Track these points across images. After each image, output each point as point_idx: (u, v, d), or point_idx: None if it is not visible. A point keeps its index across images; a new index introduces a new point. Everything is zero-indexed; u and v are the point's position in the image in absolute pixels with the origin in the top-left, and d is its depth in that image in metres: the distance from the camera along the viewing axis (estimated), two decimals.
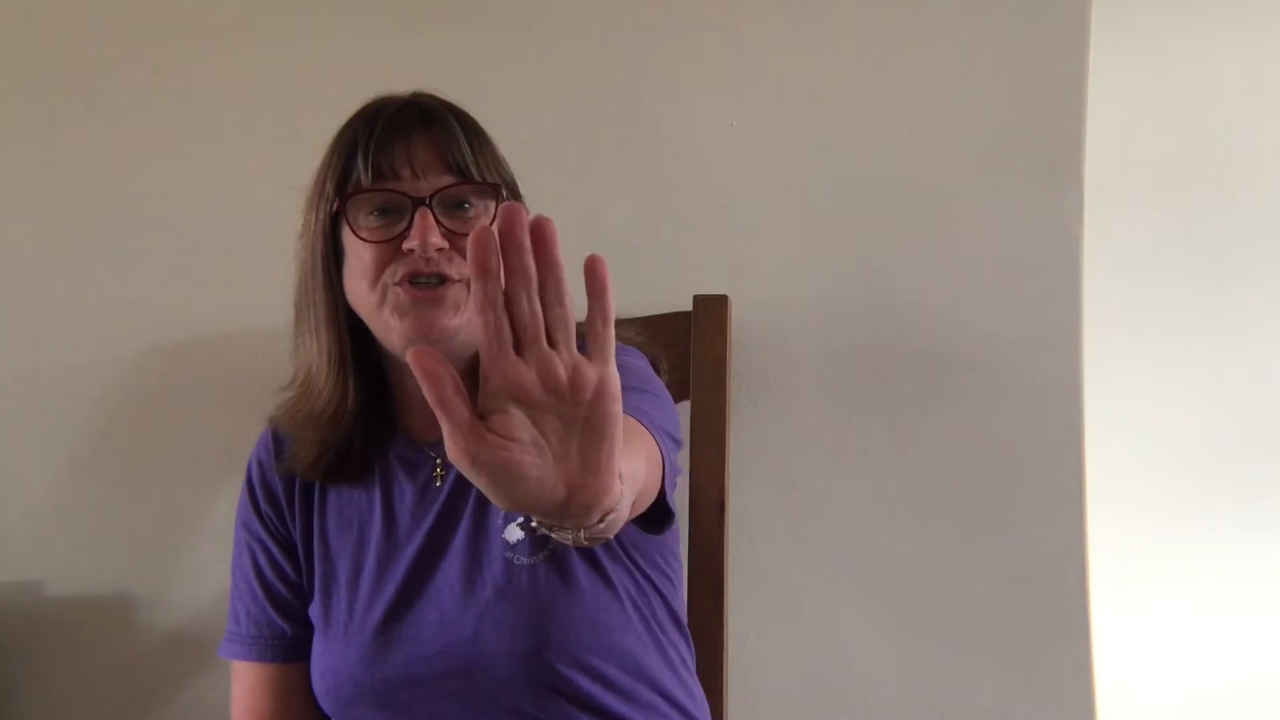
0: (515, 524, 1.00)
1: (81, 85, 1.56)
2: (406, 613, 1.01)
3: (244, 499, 1.11)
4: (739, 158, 1.50)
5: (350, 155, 0.99)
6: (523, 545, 1.00)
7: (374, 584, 1.03)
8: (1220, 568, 1.81)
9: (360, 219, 0.98)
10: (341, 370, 1.02)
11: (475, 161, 1.00)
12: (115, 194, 1.55)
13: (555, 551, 1.00)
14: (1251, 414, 1.82)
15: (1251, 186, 1.82)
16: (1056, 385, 1.44)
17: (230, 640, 1.10)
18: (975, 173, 1.46)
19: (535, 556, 1.00)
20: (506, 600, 0.98)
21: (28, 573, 1.55)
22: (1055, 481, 1.44)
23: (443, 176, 0.98)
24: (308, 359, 1.04)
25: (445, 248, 0.96)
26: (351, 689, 1.01)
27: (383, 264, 0.97)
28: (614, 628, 1.01)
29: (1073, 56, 1.45)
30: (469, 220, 0.99)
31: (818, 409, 1.49)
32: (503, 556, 1.00)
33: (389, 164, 0.98)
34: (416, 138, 0.99)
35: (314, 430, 1.04)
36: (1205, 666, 1.82)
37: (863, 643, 1.47)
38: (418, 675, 0.99)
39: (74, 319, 1.55)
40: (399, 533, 1.04)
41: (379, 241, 0.97)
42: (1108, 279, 1.58)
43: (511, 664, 0.97)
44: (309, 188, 1.04)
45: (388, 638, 1.00)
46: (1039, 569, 1.44)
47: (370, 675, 1.00)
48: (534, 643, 0.97)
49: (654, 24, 1.51)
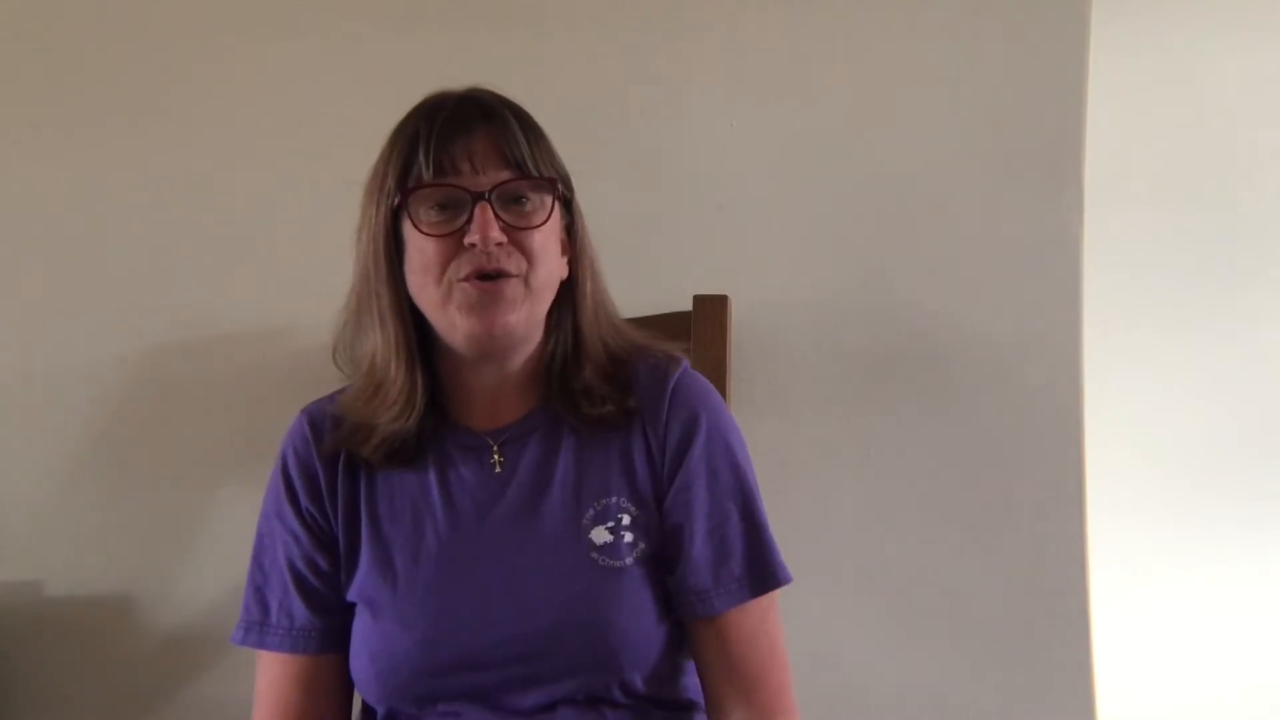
0: (604, 527, 1.03)
1: (82, 85, 1.55)
2: (476, 598, 1.01)
3: (277, 490, 1.10)
4: (739, 158, 1.50)
5: (411, 150, 1.01)
6: (609, 548, 1.02)
7: (437, 568, 1.03)
8: (1220, 568, 1.81)
9: (421, 213, 1.00)
10: (409, 359, 1.04)
11: (532, 156, 1.02)
12: (115, 194, 1.55)
13: (640, 558, 1.02)
14: (1251, 414, 1.82)
15: (1251, 186, 1.82)
16: (1056, 385, 1.44)
17: (254, 629, 1.08)
18: (975, 173, 1.46)
19: (622, 560, 1.02)
20: (591, 598, 1.00)
21: (28, 573, 1.55)
22: (1055, 481, 1.44)
23: (501, 171, 1.00)
24: (373, 349, 1.05)
25: (504, 242, 0.99)
26: (408, 671, 1.01)
27: (445, 259, 0.99)
28: (665, 642, 1.04)
29: (1073, 56, 1.45)
30: (526, 215, 1.01)
31: (817, 409, 1.49)
32: (589, 556, 1.02)
33: (449, 159, 0.99)
34: (476, 133, 1.01)
35: (385, 417, 1.04)
36: (1205, 666, 1.82)
37: (862, 642, 1.47)
38: (484, 659, 1.00)
39: (74, 319, 1.55)
40: (461, 518, 1.04)
41: (440, 236, 0.99)
42: (1108, 279, 1.58)
43: (581, 657, 0.99)
44: (367, 182, 1.05)
45: (454, 621, 1.01)
46: (1039, 569, 1.44)
47: (430, 658, 1.00)
48: (608, 642, 1.00)
49: (654, 24, 1.51)
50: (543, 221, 1.01)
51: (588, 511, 1.03)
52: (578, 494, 1.04)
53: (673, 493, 1.05)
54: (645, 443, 1.06)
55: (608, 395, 1.05)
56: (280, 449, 1.11)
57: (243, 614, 1.09)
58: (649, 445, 1.06)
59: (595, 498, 1.04)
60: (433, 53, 1.52)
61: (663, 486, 1.05)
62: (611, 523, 1.03)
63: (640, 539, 1.03)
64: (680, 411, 1.06)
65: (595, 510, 1.03)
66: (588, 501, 1.04)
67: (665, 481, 1.05)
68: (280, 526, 1.08)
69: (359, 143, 1.46)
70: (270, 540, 1.09)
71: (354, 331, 1.09)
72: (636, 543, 1.03)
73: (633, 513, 1.04)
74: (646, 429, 1.06)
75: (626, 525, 1.03)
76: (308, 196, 1.51)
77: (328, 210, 1.49)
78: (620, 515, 1.03)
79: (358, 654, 1.04)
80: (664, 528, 1.04)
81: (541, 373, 1.08)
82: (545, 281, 1.03)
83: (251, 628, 1.08)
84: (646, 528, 1.04)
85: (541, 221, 1.01)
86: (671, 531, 1.04)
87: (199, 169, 1.54)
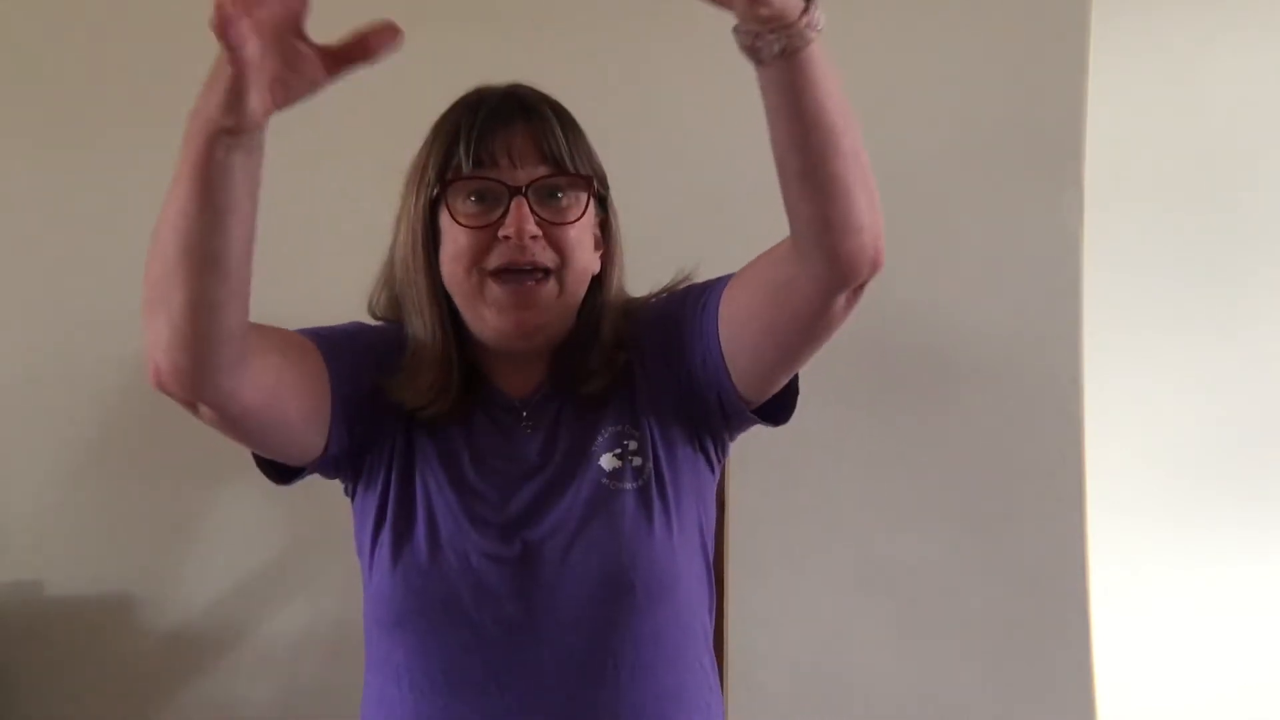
0: (611, 454, 1.05)
1: (82, 85, 1.56)
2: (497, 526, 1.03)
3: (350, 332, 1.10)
4: (739, 158, 1.50)
5: (452, 142, 1.03)
6: (618, 472, 1.04)
7: (471, 518, 1.04)
8: (1220, 568, 1.81)
9: (459, 204, 1.02)
10: (446, 340, 1.06)
11: (570, 153, 1.04)
12: (116, 194, 1.55)
13: (647, 482, 1.04)
14: (1251, 414, 1.82)
15: (1251, 186, 1.82)
16: (1056, 385, 1.44)
17: None
18: (975, 173, 1.46)
19: (626, 484, 1.04)
20: (599, 521, 1.02)
21: (28, 573, 1.55)
22: (1055, 481, 1.44)
23: (538, 167, 1.02)
24: (417, 332, 1.07)
25: (539, 236, 1.01)
26: (439, 589, 1.02)
27: (479, 250, 1.01)
28: (680, 575, 1.05)
29: (1073, 56, 1.45)
30: (561, 210, 1.03)
31: (818, 408, 1.48)
32: (601, 482, 1.04)
33: (488, 153, 1.01)
34: (516, 128, 1.02)
35: (423, 398, 1.06)
36: (1205, 666, 1.82)
37: (863, 642, 1.47)
38: (490, 586, 1.01)
39: (74, 319, 1.55)
40: (490, 476, 1.06)
41: (476, 227, 1.01)
42: (1108, 279, 1.58)
43: (590, 587, 1.01)
44: (408, 173, 1.07)
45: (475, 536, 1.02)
46: (1039, 569, 1.44)
47: (443, 585, 1.02)
48: (619, 564, 1.01)
49: (654, 24, 1.51)
50: (577, 218, 1.03)
51: (597, 438, 1.06)
52: (586, 429, 1.06)
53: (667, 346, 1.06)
54: (637, 369, 1.07)
55: (603, 371, 1.07)
56: (357, 324, 1.12)
57: None
58: (641, 368, 1.07)
59: (603, 427, 1.06)
60: (433, 54, 1.51)
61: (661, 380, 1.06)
62: (619, 449, 1.05)
63: (646, 462, 1.05)
64: (639, 332, 1.08)
65: (604, 437, 1.06)
66: (596, 430, 1.06)
67: (660, 383, 1.06)
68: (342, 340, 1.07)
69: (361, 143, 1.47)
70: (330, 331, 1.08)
71: (388, 290, 1.10)
72: (644, 465, 1.05)
73: (637, 436, 1.06)
74: (635, 368, 1.07)
75: (634, 450, 1.05)
76: (308, 197, 1.52)
77: (328, 210, 1.50)
78: (627, 441, 1.06)
79: (381, 585, 1.04)
80: (689, 377, 1.05)
81: (560, 348, 1.10)
82: (578, 278, 1.05)
83: None
84: (650, 448, 1.05)
85: (576, 218, 1.03)
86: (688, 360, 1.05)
87: None
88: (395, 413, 1.06)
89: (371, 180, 1.11)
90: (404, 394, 1.06)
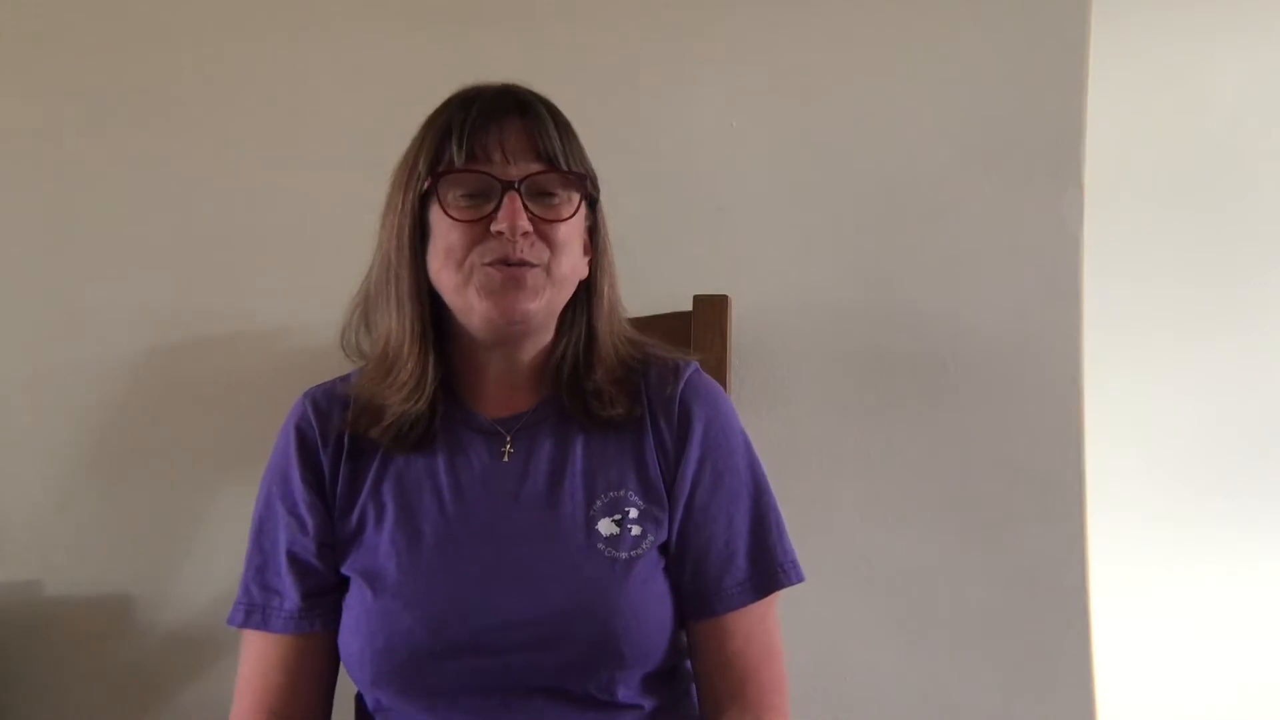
0: (611, 519, 1.04)
1: (82, 85, 1.56)
2: (482, 581, 1.01)
3: (278, 471, 1.10)
4: (739, 158, 1.50)
5: (444, 137, 1.02)
6: (615, 540, 1.03)
7: (444, 550, 1.03)
8: (1220, 568, 1.81)
9: (450, 198, 1.01)
10: (423, 343, 1.04)
11: (564, 151, 1.03)
12: (116, 194, 1.55)
13: (646, 551, 1.03)
14: (1251, 414, 1.82)
15: (1252, 186, 1.82)
16: (1056, 385, 1.44)
17: (256, 612, 1.08)
18: (975, 173, 1.46)
19: (625, 552, 1.03)
20: (599, 587, 1.01)
21: (28, 573, 1.55)
22: (1055, 481, 1.44)
23: (532, 164, 1.01)
24: (387, 332, 1.06)
25: (530, 232, 1.00)
26: (406, 651, 1.00)
27: (469, 244, 1.00)
28: (667, 633, 1.04)
29: (1073, 56, 1.45)
30: (554, 208, 1.02)
31: (818, 409, 1.49)
32: (595, 546, 1.02)
33: (482, 147, 1.01)
34: (509, 124, 1.02)
35: (395, 398, 1.05)
36: (1205, 666, 1.82)
37: (862, 642, 1.47)
38: (491, 644, 1.00)
39: (74, 319, 1.55)
40: (470, 503, 1.05)
41: (467, 221, 1.00)
42: (1108, 279, 1.58)
43: (587, 646, 1.00)
44: (396, 169, 1.06)
45: (465, 604, 1.01)
46: (1039, 569, 1.44)
47: (433, 638, 1.00)
48: (613, 630, 1.00)
49: (653, 24, 1.51)
50: (569, 215, 1.03)
51: (596, 503, 1.04)
52: (588, 485, 1.05)
53: (682, 491, 1.05)
54: (657, 438, 1.07)
55: (617, 399, 1.06)
56: (281, 431, 1.11)
57: (241, 596, 1.08)
58: (661, 441, 1.07)
59: (605, 490, 1.05)
60: (434, 53, 1.52)
61: (673, 483, 1.06)
62: (619, 515, 1.04)
63: (649, 532, 1.04)
64: (690, 410, 1.07)
65: (604, 501, 1.04)
66: (597, 493, 1.05)
67: (675, 480, 1.06)
68: (281, 507, 1.08)
69: (360, 143, 1.47)
70: (270, 523, 1.09)
71: (365, 317, 1.10)
72: (644, 535, 1.03)
73: (640, 506, 1.04)
74: (660, 424, 1.07)
75: (634, 518, 1.04)
76: (308, 197, 1.52)
77: (328, 211, 1.50)
78: (628, 509, 1.04)
79: (353, 632, 1.03)
80: (672, 524, 1.05)
81: (551, 367, 1.09)
82: (567, 274, 1.04)
83: (254, 610, 1.07)
84: (656, 521, 1.04)
85: (568, 215, 1.03)
86: (680, 531, 1.05)
87: (199, 169, 1.54)
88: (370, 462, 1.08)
89: (371, 181, 1.10)
90: (373, 423, 1.06)
